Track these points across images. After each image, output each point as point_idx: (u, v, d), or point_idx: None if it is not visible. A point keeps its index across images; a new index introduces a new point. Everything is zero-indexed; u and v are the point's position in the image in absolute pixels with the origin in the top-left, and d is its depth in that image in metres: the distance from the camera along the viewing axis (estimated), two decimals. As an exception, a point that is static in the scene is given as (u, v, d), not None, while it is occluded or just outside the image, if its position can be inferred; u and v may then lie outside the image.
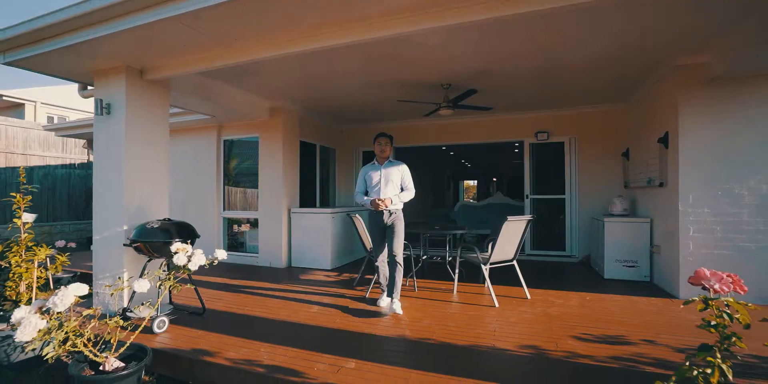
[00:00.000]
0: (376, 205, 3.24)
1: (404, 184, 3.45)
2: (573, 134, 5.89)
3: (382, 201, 3.23)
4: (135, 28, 2.57)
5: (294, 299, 3.75)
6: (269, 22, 2.61)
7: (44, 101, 11.79)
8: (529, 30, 3.02)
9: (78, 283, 1.73)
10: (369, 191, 3.49)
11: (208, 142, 6.00)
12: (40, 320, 1.60)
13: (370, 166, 3.57)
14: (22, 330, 1.54)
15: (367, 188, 3.51)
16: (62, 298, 1.61)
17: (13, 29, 2.95)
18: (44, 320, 1.63)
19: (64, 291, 1.64)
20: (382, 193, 3.35)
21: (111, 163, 3.28)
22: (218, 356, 2.40)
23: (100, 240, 3.31)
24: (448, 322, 3.06)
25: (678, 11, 2.72)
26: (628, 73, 4.20)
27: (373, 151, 3.52)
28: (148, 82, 3.42)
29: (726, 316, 1.32)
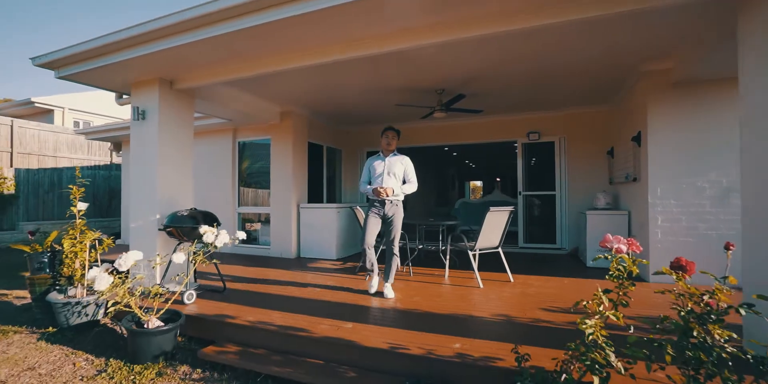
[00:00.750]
0: (378, 192, 3.40)
1: (407, 177, 3.60)
2: (562, 134, 6.29)
3: (384, 189, 3.39)
4: (169, 48, 3.11)
5: (302, 281, 4.24)
6: (283, 42, 3.12)
7: (71, 107, 12.64)
8: (518, 42, 3.43)
9: (134, 251, 2.25)
10: (372, 181, 3.63)
11: (224, 143, 6.56)
12: (110, 277, 2.11)
13: (375, 157, 3.73)
14: (99, 283, 2.06)
15: (371, 178, 3.67)
16: (125, 260, 2.12)
17: (65, 50, 3.52)
18: (112, 277, 2.14)
19: (126, 255, 2.15)
20: (384, 184, 3.51)
21: (146, 161, 3.83)
22: (238, 319, 2.90)
23: (135, 227, 3.85)
24: (436, 298, 3.51)
25: (642, 28, 3.12)
26: (607, 79, 4.61)
27: (377, 151, 3.83)
28: (176, 91, 3.96)
29: (622, 268, 1.76)
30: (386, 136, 3.65)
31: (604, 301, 1.70)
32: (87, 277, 2.14)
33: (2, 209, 8.35)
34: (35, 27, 61.95)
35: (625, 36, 3.29)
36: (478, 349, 2.29)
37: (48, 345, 2.96)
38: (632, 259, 1.78)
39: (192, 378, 2.47)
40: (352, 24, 2.82)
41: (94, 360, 2.72)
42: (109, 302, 2.47)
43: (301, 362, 2.48)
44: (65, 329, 3.12)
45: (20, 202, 8.66)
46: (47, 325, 3.29)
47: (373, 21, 2.77)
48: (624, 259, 1.77)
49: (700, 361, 1.53)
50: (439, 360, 2.20)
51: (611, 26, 3.07)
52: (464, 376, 2.13)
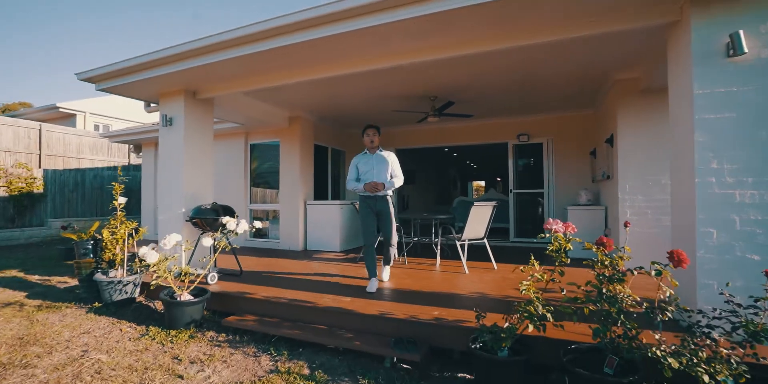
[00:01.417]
0: (371, 187, 3.49)
1: (393, 172, 3.69)
2: (550, 136, 6.75)
3: (378, 183, 3.48)
4: (196, 66, 3.66)
5: (308, 267, 4.77)
6: (294, 60, 3.65)
7: (92, 111, 13.38)
8: (498, 58, 3.90)
9: (174, 234, 2.79)
10: (361, 178, 3.72)
11: (237, 145, 7.13)
12: (156, 253, 2.65)
13: (361, 155, 3.80)
14: (149, 257, 2.60)
15: (358, 175, 3.76)
16: (168, 241, 2.67)
17: (104, 68, 4.10)
18: (158, 253, 2.68)
19: (169, 237, 2.69)
20: (374, 179, 3.60)
21: (173, 162, 4.39)
22: (254, 295, 3.43)
23: (163, 219, 4.41)
24: (424, 280, 4.02)
25: (603, 46, 3.58)
26: (586, 86, 5.08)
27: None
28: (198, 100, 4.52)
29: (557, 243, 2.25)
30: (367, 134, 3.71)
31: (536, 266, 2.20)
32: (139, 253, 2.68)
33: (32, 207, 9.01)
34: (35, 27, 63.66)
35: (593, 51, 3.76)
36: (451, 315, 2.80)
37: (96, 316, 3.53)
38: (567, 238, 2.27)
39: (218, 340, 3.01)
40: (353, 46, 3.34)
41: (137, 327, 3.28)
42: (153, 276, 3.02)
43: (307, 327, 3.00)
44: (109, 304, 3.68)
45: (48, 200, 9.33)
46: (92, 302, 3.86)
47: (369, 43, 3.29)
48: (559, 238, 2.27)
49: (609, 312, 2.03)
50: (420, 322, 2.71)
51: (576, 44, 3.54)
52: (439, 334, 2.64)
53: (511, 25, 2.96)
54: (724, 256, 2.29)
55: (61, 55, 65.38)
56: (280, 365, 2.57)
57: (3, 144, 9.03)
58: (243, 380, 2.38)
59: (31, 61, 62.72)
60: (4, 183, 8.51)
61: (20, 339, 3.01)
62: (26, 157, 9.46)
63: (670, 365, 1.69)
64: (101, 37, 67.03)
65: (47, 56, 63.67)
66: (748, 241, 2.26)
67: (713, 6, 2.36)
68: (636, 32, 2.88)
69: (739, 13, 2.29)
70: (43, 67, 63.58)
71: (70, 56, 66.44)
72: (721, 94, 2.32)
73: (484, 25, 2.95)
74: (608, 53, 3.84)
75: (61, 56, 64.61)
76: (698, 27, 2.40)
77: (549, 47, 3.57)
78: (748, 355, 1.71)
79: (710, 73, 2.35)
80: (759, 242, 2.24)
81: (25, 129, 9.50)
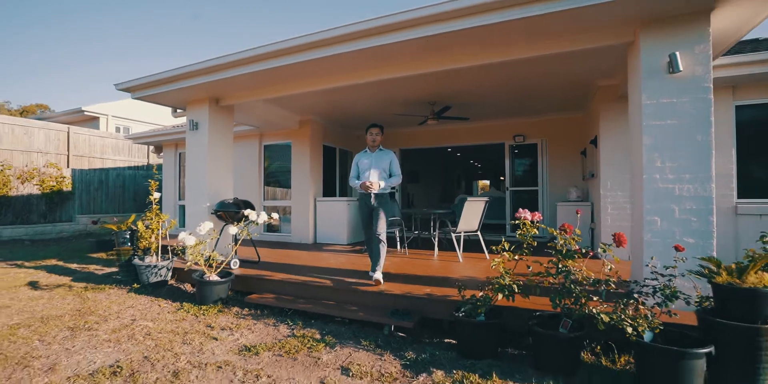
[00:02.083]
0: (365, 186, 3.65)
1: (392, 170, 3.83)
2: (544, 137, 7.18)
3: (372, 183, 3.64)
4: (218, 80, 4.19)
5: (318, 257, 5.28)
6: (306, 73, 4.17)
7: (114, 114, 14.13)
8: (486, 72, 4.37)
9: (208, 221, 3.32)
10: (360, 176, 3.87)
11: (252, 146, 7.68)
12: (193, 237, 3.19)
13: (362, 153, 3.95)
14: (188, 241, 3.14)
15: (359, 173, 3.91)
16: (203, 227, 3.20)
17: (140, 80, 4.67)
18: (194, 238, 3.22)
19: (203, 224, 3.23)
20: (371, 178, 3.75)
21: (198, 162, 4.94)
22: (271, 277, 3.96)
23: (190, 212, 4.97)
24: (421, 267, 4.50)
25: (581, 60, 4.03)
26: (576, 92, 5.51)
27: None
28: (221, 107, 5.07)
29: (526, 229, 2.72)
30: (370, 133, 3.87)
31: (505, 246, 2.68)
32: (178, 237, 3.21)
33: (62, 204, 9.70)
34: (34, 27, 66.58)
35: (578, 63, 4.19)
36: (441, 292, 3.28)
37: (136, 295, 4.09)
38: (536, 225, 2.74)
39: (242, 314, 3.54)
40: (358, 62, 3.85)
41: (172, 303, 3.82)
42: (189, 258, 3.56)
43: (318, 302, 3.52)
44: (146, 285, 4.24)
45: (75, 197, 10.01)
46: (130, 284, 4.43)
47: (371, 60, 3.78)
48: (526, 224, 2.74)
49: (563, 284, 2.49)
50: (414, 297, 3.20)
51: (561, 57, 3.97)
52: (429, 306, 3.13)
53: (490, 45, 3.43)
54: (666, 240, 2.74)
55: (60, 55, 66.31)
56: (295, 332, 3.08)
57: (36, 145, 9.73)
58: (266, 341, 2.90)
59: (31, 60, 63.83)
60: (38, 181, 9.20)
61: (78, 311, 3.58)
62: (56, 158, 10.16)
63: (602, 320, 2.16)
64: (101, 38, 67.73)
65: (47, 56, 64.80)
66: (684, 226, 2.71)
67: (657, 30, 2.81)
68: (606, 48, 3.32)
69: (676, 36, 2.74)
70: (42, 67, 64.76)
71: (70, 56, 67.26)
72: (664, 105, 2.77)
73: (469, 45, 3.43)
74: (590, 64, 4.28)
75: (59, 56, 65.52)
76: (646, 47, 2.85)
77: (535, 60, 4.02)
78: (664, 313, 2.17)
79: (655, 87, 2.80)
80: (693, 228, 2.69)
81: (55, 131, 10.19)
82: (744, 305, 2.02)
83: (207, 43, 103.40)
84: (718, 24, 2.92)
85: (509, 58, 3.52)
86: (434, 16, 3.06)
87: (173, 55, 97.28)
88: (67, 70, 69.91)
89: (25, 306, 3.75)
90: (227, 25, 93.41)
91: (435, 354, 2.68)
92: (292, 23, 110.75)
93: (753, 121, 4.59)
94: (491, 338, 2.66)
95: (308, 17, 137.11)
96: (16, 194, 8.83)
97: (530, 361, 2.54)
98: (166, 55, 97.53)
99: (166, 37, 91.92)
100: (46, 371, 2.43)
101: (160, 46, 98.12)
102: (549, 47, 3.33)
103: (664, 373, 2.02)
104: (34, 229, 8.98)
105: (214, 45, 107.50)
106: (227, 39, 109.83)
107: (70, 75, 72.10)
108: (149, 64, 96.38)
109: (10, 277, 4.94)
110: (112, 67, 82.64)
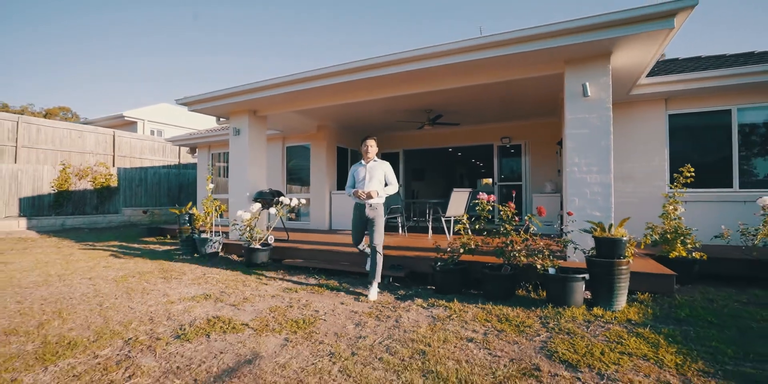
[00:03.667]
0: (358, 195, 3.75)
1: (387, 180, 3.89)
2: (527, 139, 8.32)
3: (364, 192, 3.71)
4: (257, 98, 5.47)
5: (334, 237, 6.53)
6: (326, 93, 5.41)
7: (149, 119, 15.68)
8: (469, 89, 5.57)
9: (257, 203, 4.60)
10: (356, 186, 3.92)
11: (276, 148, 8.99)
12: (248, 214, 4.47)
13: (357, 164, 4.01)
14: (243, 216, 4.42)
15: (355, 183, 3.95)
16: (252, 208, 4.48)
17: (197, 97, 5.97)
18: (248, 214, 4.50)
19: (253, 205, 4.50)
20: (366, 187, 3.78)
21: (240, 160, 6.24)
22: (298, 248, 5.22)
23: (234, 201, 6.26)
24: (415, 243, 5.72)
25: (550, 78, 5.19)
26: (548, 103, 6.64)
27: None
28: (257, 116, 6.36)
29: (482, 205, 3.92)
30: (364, 145, 3.93)
31: (464, 218, 3.88)
32: (236, 214, 4.49)
33: (110, 198, 11.16)
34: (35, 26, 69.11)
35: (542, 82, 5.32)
36: (425, 254, 4.50)
37: (196, 264, 5.39)
38: (491, 205, 3.93)
39: (280, 271, 4.80)
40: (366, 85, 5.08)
41: (226, 268, 5.11)
42: (245, 232, 4.83)
43: (337, 263, 4.77)
44: (204, 255, 5.55)
45: (120, 192, 11.46)
46: (190, 255, 5.75)
47: (378, 84, 5.01)
48: (482, 203, 3.94)
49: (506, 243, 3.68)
50: (406, 257, 4.42)
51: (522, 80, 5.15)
52: (417, 263, 4.34)
53: (463, 74, 4.64)
54: (581, 213, 3.91)
55: (64, 54, 67.75)
56: (320, 281, 4.33)
57: (88, 147, 11.22)
58: (300, 286, 4.15)
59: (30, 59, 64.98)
60: (91, 178, 10.66)
61: (161, 269, 4.90)
62: (103, 158, 11.63)
63: (522, 260, 3.35)
64: (102, 37, 69.20)
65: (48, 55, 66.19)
66: (593, 204, 3.87)
67: (576, 66, 3.98)
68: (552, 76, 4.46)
69: (587, 71, 3.90)
70: (41, 67, 66.33)
71: (73, 55, 68.40)
72: (580, 119, 3.94)
73: (449, 75, 4.65)
74: (549, 84, 5.42)
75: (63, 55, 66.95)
76: (569, 78, 4.02)
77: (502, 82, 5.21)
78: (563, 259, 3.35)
79: (575, 106, 3.97)
80: (599, 205, 3.85)
81: (103, 135, 11.68)
82: (608, 249, 3.19)
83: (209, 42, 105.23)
84: (622, 62, 4.08)
85: (477, 83, 4.72)
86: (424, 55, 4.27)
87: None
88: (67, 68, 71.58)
89: (121, 267, 5.09)
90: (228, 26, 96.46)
91: (418, 291, 3.90)
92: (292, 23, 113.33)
93: (682, 126, 5.68)
94: (456, 281, 3.86)
95: (308, 18, 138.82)
96: (74, 189, 10.30)
97: (481, 295, 3.73)
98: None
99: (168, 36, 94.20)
100: (161, 296, 3.73)
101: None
102: (504, 75, 4.52)
103: (559, 291, 3.21)
104: (89, 219, 10.44)
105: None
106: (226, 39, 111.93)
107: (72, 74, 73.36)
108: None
109: (94, 252, 6.31)
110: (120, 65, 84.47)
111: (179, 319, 3.12)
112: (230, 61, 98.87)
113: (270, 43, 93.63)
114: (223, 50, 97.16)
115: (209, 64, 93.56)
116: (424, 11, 73.70)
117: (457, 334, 2.72)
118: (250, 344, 2.62)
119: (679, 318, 2.96)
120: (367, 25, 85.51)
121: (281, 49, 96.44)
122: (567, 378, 2.10)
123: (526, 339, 2.63)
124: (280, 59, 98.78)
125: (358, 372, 2.21)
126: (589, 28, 3.55)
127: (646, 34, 3.43)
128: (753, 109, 5.27)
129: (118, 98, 77.61)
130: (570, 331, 2.73)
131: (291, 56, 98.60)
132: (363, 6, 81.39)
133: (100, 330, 2.89)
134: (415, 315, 3.17)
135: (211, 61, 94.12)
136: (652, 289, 3.45)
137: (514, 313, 3.11)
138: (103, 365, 2.34)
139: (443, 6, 77.61)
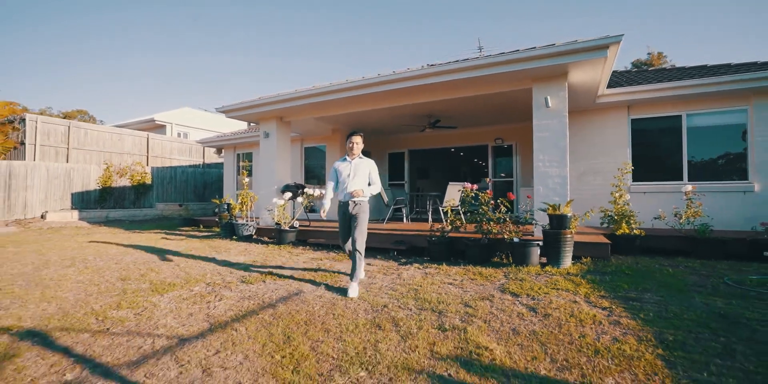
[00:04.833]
0: (351, 193, 3.61)
1: (371, 179, 3.76)
2: (517, 140, 9.36)
3: (354, 191, 3.61)
4: (284, 107, 6.63)
5: (347, 225, 7.66)
6: (343, 103, 6.55)
7: (177, 122, 17.06)
8: (462, 100, 6.67)
9: (288, 192, 5.75)
10: (339, 182, 3.78)
11: (295, 148, 10.16)
12: (282, 201, 5.62)
13: (341, 160, 3.84)
14: (278, 202, 5.57)
15: (337, 180, 3.80)
16: (282, 197, 5.62)
17: (234, 105, 7.14)
18: (282, 201, 5.65)
19: (285, 194, 5.65)
20: (350, 185, 3.66)
21: (269, 159, 7.41)
22: (319, 230, 6.35)
23: (263, 194, 7.43)
24: (416, 227, 6.82)
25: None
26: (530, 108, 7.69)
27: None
28: (283, 122, 7.52)
29: (466, 193, 5.00)
30: (350, 141, 3.75)
31: (454, 201, 4.98)
32: (271, 201, 5.64)
33: (145, 194, 12.45)
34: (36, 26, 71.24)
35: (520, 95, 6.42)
36: (424, 234, 5.59)
37: (236, 241, 6.55)
38: (473, 193, 5.01)
39: (306, 248, 5.93)
40: (374, 98, 6.20)
41: (261, 244, 6.26)
42: (278, 215, 5.98)
43: (351, 241, 5.89)
44: (240, 237, 6.72)
45: (154, 189, 12.74)
46: (229, 237, 6.92)
47: (383, 96, 6.13)
48: (466, 190, 5.02)
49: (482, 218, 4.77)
50: (408, 234, 5.53)
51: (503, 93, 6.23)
52: (415, 239, 5.44)
53: (453, 89, 5.74)
54: (545, 199, 4.97)
55: (65, 53, 68.49)
56: (339, 254, 5.45)
57: (125, 148, 12.53)
58: (324, 256, 5.28)
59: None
60: (129, 176, 11.96)
61: (209, 246, 6.07)
62: (139, 158, 12.94)
63: (493, 232, 4.44)
64: (103, 36, 69.98)
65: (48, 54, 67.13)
66: (553, 191, 4.94)
67: (540, 82, 5.05)
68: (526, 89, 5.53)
69: (549, 87, 4.97)
70: (41, 67, 67.30)
71: (74, 55, 68.91)
72: (543, 124, 5.01)
73: (444, 89, 5.76)
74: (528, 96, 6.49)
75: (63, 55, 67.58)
76: (535, 92, 5.09)
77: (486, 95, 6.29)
78: (528, 234, 4.42)
79: (540, 114, 5.04)
80: (558, 192, 4.91)
81: (138, 138, 12.99)
82: (557, 222, 4.25)
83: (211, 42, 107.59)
84: (579, 79, 5.14)
85: (467, 95, 5.81)
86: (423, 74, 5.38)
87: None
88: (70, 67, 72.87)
89: (176, 245, 6.28)
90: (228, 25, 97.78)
91: (416, 259, 5.00)
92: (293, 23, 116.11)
93: (642, 129, 6.70)
94: (446, 251, 4.94)
95: (306, 17, 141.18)
96: (115, 186, 11.60)
97: (465, 261, 4.81)
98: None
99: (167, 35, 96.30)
100: (220, 261, 4.89)
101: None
102: (494, 89, 5.62)
103: (521, 254, 4.28)
104: (128, 212, 11.72)
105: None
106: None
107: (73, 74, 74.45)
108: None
109: (148, 235, 7.53)
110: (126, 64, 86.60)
111: (239, 273, 4.28)
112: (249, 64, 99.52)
113: (270, 43, 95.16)
114: (238, 51, 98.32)
115: (209, 64, 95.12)
116: (424, 11, 74.80)
117: (441, 281, 3.82)
118: (295, 285, 3.76)
119: (604, 272, 4.02)
120: (367, 25, 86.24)
121: (281, 50, 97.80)
122: (510, 300, 3.19)
123: (490, 283, 3.72)
124: (279, 59, 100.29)
125: (371, 299, 3.32)
126: (548, 56, 4.63)
127: (588, 61, 4.50)
128: (699, 114, 6.27)
129: (131, 100, 79.69)
130: (522, 278, 3.81)
131: (291, 56, 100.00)
132: (363, 6, 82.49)
133: (187, 278, 4.06)
134: (412, 272, 4.27)
135: (213, 61, 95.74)
136: (594, 255, 4.50)
137: (487, 271, 4.19)
138: (198, 294, 3.50)
139: (443, 6, 78.39)
